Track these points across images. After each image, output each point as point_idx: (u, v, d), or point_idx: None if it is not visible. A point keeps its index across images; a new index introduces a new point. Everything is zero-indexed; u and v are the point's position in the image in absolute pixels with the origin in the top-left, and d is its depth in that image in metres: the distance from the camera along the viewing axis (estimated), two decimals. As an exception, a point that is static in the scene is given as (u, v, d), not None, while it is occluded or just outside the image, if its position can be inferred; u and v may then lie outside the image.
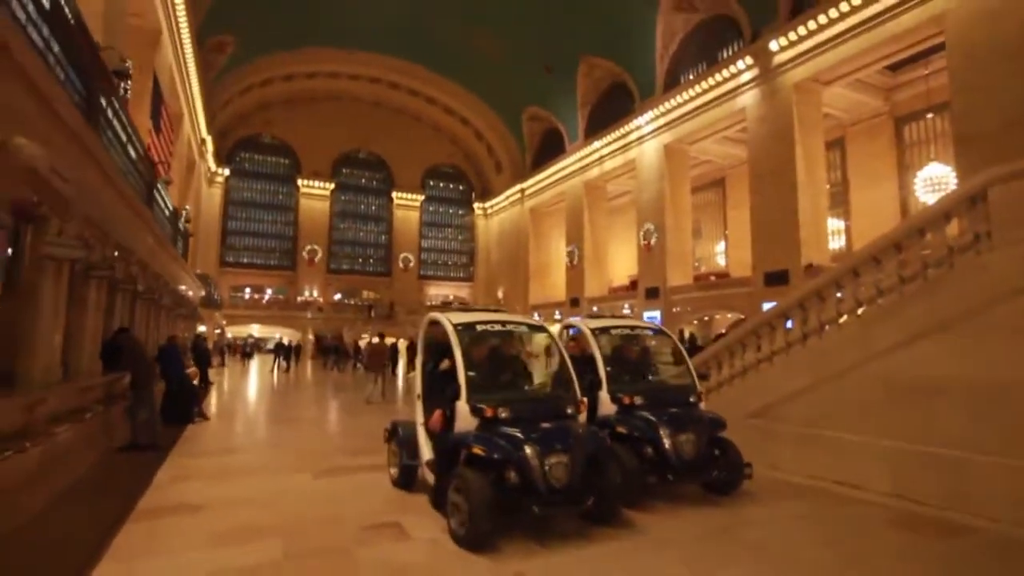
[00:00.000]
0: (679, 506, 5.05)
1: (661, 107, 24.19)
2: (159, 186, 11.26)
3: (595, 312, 26.75)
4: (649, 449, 5.04)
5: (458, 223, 47.55)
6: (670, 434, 5.03)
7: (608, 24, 26.13)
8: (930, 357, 5.22)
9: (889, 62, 17.63)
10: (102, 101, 7.21)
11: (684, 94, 22.85)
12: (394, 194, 44.63)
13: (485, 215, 46.00)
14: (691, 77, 23.19)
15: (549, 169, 34.15)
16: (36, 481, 4.53)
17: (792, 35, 17.92)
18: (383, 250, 44.95)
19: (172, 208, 13.67)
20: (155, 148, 14.50)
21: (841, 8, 16.13)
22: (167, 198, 12.51)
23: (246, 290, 40.32)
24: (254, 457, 7.40)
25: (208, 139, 29.62)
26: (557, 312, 31.32)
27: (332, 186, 42.48)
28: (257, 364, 29.50)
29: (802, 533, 4.49)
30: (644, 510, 4.82)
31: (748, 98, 20.13)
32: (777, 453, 6.26)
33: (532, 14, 28.17)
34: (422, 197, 45.55)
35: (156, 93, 15.93)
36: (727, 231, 28.33)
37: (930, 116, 19.36)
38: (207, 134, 28.87)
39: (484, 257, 46.08)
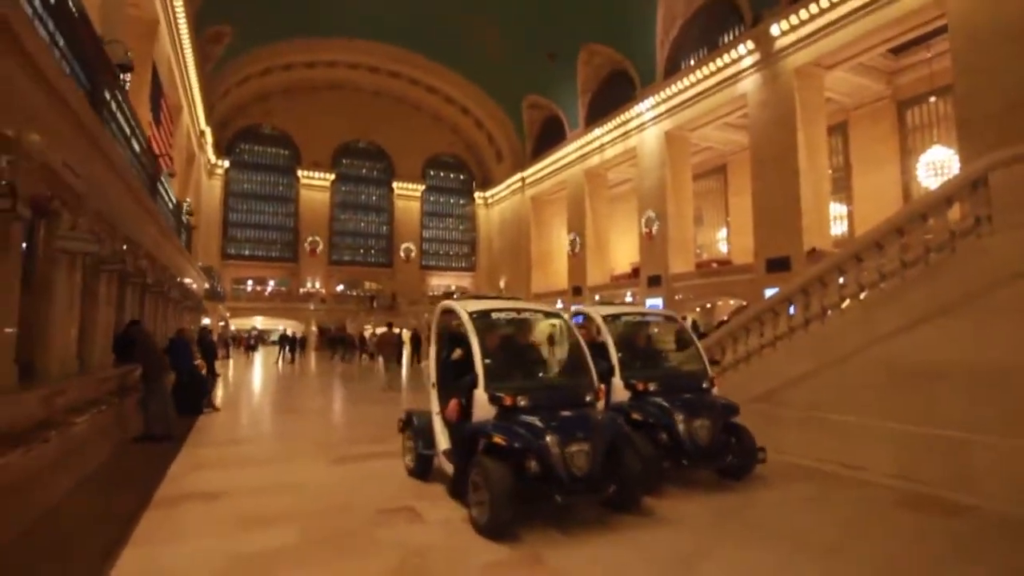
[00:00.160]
0: (693, 491, 5.07)
1: (662, 94, 24.06)
2: (162, 179, 11.30)
3: (597, 300, 26.83)
4: (664, 435, 5.04)
5: (459, 213, 47.45)
6: (685, 420, 5.03)
7: (608, 10, 25.89)
8: (932, 340, 5.29)
9: (892, 45, 17.50)
10: (106, 95, 7.24)
11: (685, 80, 22.71)
12: (395, 184, 44.50)
13: (486, 204, 45.90)
14: (692, 63, 23.01)
15: (550, 158, 34.02)
16: (57, 470, 4.64)
17: (793, 19, 17.78)
18: (384, 241, 44.94)
19: (175, 201, 13.69)
20: (156, 141, 14.47)
21: (843, -10, 16.04)
22: (170, 191, 12.53)
23: (248, 282, 40.40)
24: (266, 446, 7.53)
25: (207, 131, 29.52)
26: (559, 301, 31.39)
27: (332, 177, 42.37)
28: (261, 356, 29.67)
29: (812, 515, 4.55)
30: (659, 496, 4.85)
31: (749, 83, 20.01)
32: (781, 437, 6.35)
33: (532, 1, 27.92)
34: (423, 187, 45.42)
35: (155, 85, 15.86)
36: (729, 218, 28.30)
37: (933, 99, 19.26)
38: (206, 126, 28.76)
39: (486, 247, 46.07)
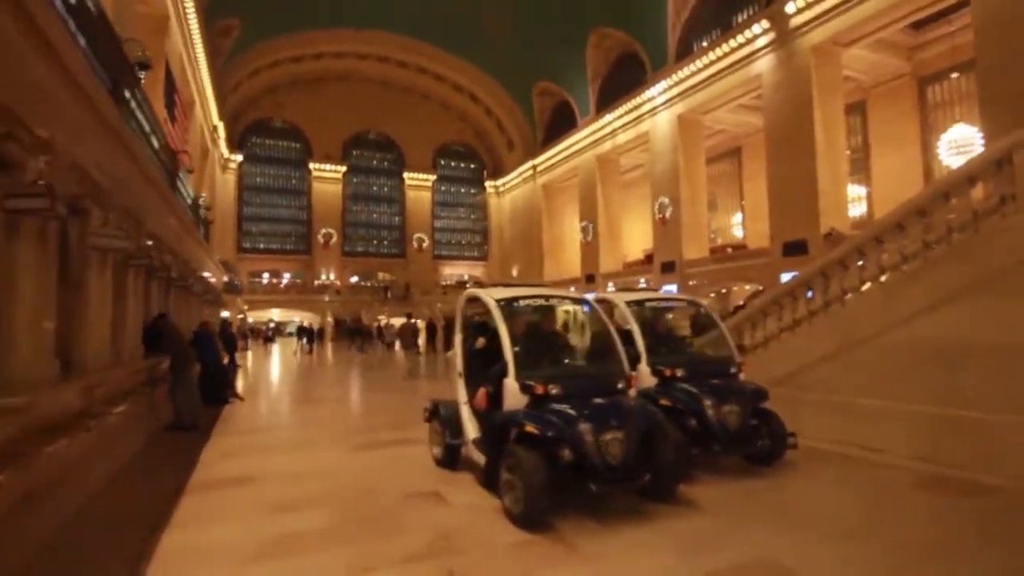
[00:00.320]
0: (723, 477, 5.02)
1: (674, 77, 23.73)
2: (181, 175, 11.48)
3: (610, 288, 26.77)
4: (693, 421, 4.96)
5: (470, 202, 47.47)
6: (714, 405, 4.96)
7: (618, -8, 25.54)
8: (955, 321, 5.25)
9: (912, 19, 17.05)
10: (126, 93, 7.36)
11: (697, 62, 22.37)
12: (405, 175, 44.60)
13: (497, 193, 45.82)
14: (704, 44, 22.65)
15: (561, 144, 33.83)
16: (98, 458, 4.83)
17: (810, -4, 17.41)
18: (397, 231, 45.16)
19: (193, 196, 13.91)
20: (172, 137, 14.66)
21: (862, -35, 15.66)
22: (188, 186, 12.73)
23: (264, 275, 40.93)
24: (291, 434, 7.73)
25: (220, 125, 29.76)
26: (572, 288, 31.42)
27: (344, 168, 42.57)
28: (279, 347, 30.15)
29: (846, 500, 4.52)
30: (690, 482, 4.77)
31: (764, 64, 19.66)
32: (801, 420, 6.30)
33: (540, -15, 27.64)
34: (434, 177, 45.46)
35: (169, 81, 16.02)
36: (743, 202, 27.97)
37: (955, 76, 18.77)
38: (219, 120, 29.00)
39: (498, 235, 46.09)
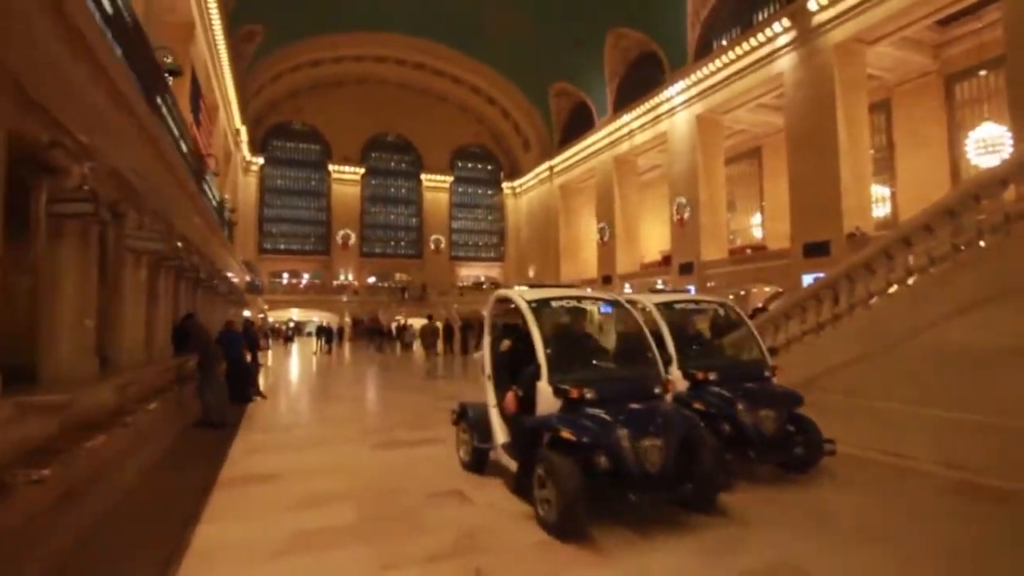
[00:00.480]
0: (757, 485, 4.85)
1: (693, 76, 23.53)
2: (207, 178, 11.74)
3: (627, 289, 26.64)
4: (726, 426, 4.80)
5: (487, 203, 47.60)
6: (749, 410, 4.82)
7: (636, -8, 25.43)
8: (985, 326, 5.15)
9: (939, 15, 16.68)
10: (158, 99, 7.58)
11: (717, 62, 22.14)
12: (423, 176, 44.91)
13: (514, 194, 45.90)
14: (724, 43, 22.43)
15: (578, 145, 33.74)
16: (132, 453, 5.00)
17: (833, -7, 17.15)
18: (414, 232, 45.50)
19: (218, 199, 14.23)
20: (198, 141, 15.00)
21: (887, -39, 15.38)
22: (214, 189, 13.03)
23: (284, 275, 41.57)
24: (314, 432, 7.88)
25: (242, 129, 30.32)
26: (588, 290, 31.28)
27: (362, 170, 43.03)
28: (299, 347, 30.60)
29: (891, 511, 4.36)
30: (726, 491, 4.50)
31: (785, 62, 19.40)
32: (825, 424, 6.26)
33: (557, -14, 27.64)
34: (451, 178, 45.71)
35: (194, 87, 16.40)
36: (763, 202, 27.59)
37: (983, 73, 18.30)
38: (241, 124, 29.55)
39: (514, 236, 46.15)
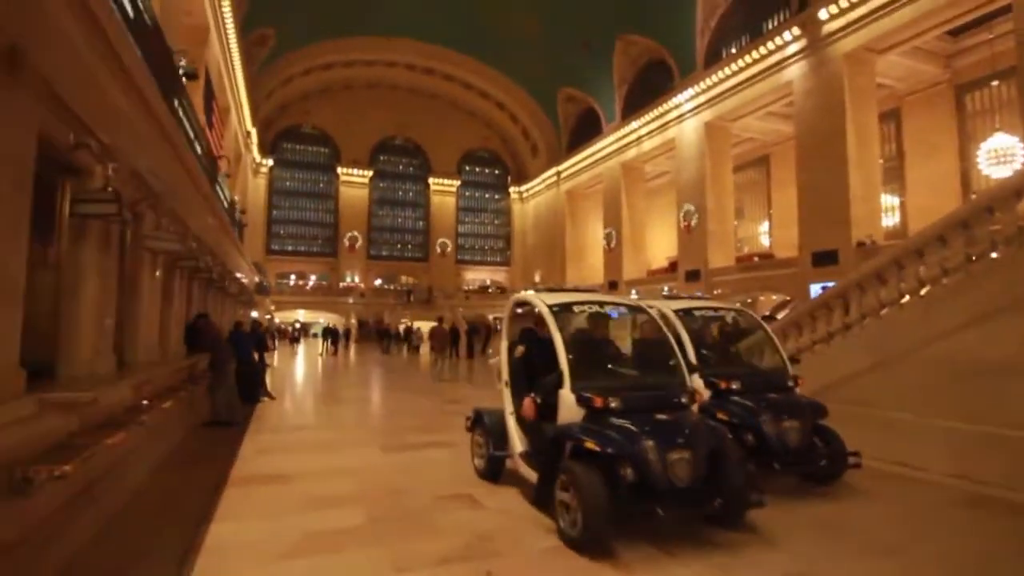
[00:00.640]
0: (783, 499, 4.58)
1: (702, 83, 23.60)
2: (220, 180, 11.86)
3: (633, 295, 26.60)
4: (750, 436, 4.67)
5: (494, 207, 47.77)
6: (773, 420, 4.70)
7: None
8: (998, 337, 5.13)
9: (950, 27, 16.68)
10: (175, 102, 7.68)
11: (726, 69, 22.22)
12: (431, 180, 45.13)
13: (521, 199, 46.01)
14: (734, 51, 22.49)
15: (585, 151, 33.84)
16: (145, 451, 5.05)
17: (843, 2, 17.17)
18: (421, 236, 45.69)
19: (230, 200, 14.36)
20: (210, 143, 15.15)
21: (898, -29, 15.41)
22: (227, 191, 13.16)
23: (291, 277, 41.82)
24: (324, 433, 7.92)
25: (253, 131, 30.60)
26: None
27: (370, 173, 43.29)
28: (305, 348, 30.71)
29: (918, 527, 4.23)
30: (757, 508, 4.25)
31: (795, 71, 19.43)
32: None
33: (567, -7, 27.81)
34: (458, 182, 45.90)
35: (208, 89, 16.58)
36: (771, 210, 27.55)
37: (995, 84, 18.26)
38: (252, 126, 29.83)
39: (520, 241, 46.24)
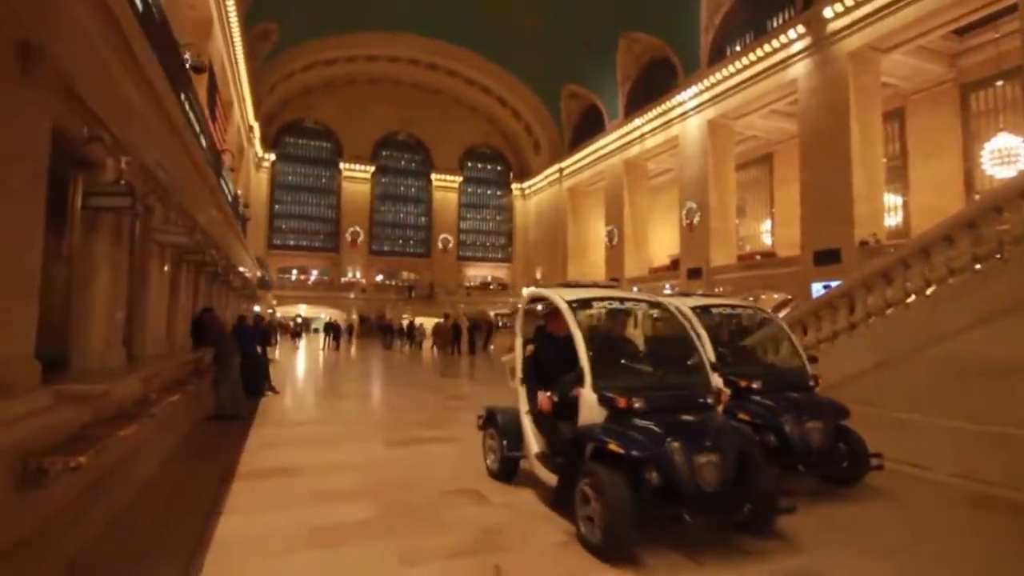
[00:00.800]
0: (807, 502, 4.35)
1: (706, 81, 23.51)
2: (224, 174, 11.86)
3: (636, 291, 26.56)
4: (772, 437, 4.58)
5: (496, 204, 47.69)
6: (795, 421, 4.62)
7: (650, -4, 25.44)
8: (1007, 337, 5.14)
9: (956, 26, 16.61)
10: (182, 96, 7.69)
11: (730, 67, 22.11)
12: (433, 176, 45.07)
13: (523, 195, 45.96)
14: (738, 49, 22.41)
15: (588, 148, 33.76)
16: (152, 445, 5.08)
17: (848, 0, 17.09)
18: (423, 231, 45.66)
19: (234, 194, 14.37)
20: (214, 137, 15.14)
21: (904, -31, 15.34)
22: (231, 185, 13.16)
23: (293, 271, 41.83)
24: (329, 428, 7.96)
25: (255, 125, 30.53)
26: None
27: (373, 169, 43.22)
28: (307, 343, 30.77)
29: (933, 524, 4.24)
30: (787, 514, 4.07)
31: (799, 69, 19.36)
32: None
33: (572, -11, 27.70)
34: (460, 178, 45.84)
35: (211, 83, 16.55)
36: (773, 209, 27.48)
37: (1000, 83, 18.19)
38: (254, 120, 29.76)
39: (522, 237, 46.22)
